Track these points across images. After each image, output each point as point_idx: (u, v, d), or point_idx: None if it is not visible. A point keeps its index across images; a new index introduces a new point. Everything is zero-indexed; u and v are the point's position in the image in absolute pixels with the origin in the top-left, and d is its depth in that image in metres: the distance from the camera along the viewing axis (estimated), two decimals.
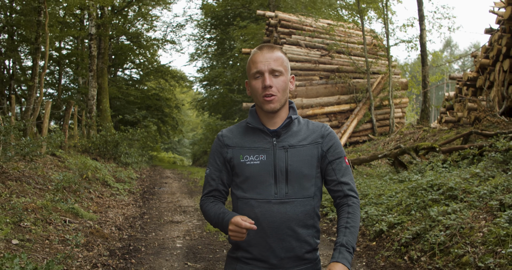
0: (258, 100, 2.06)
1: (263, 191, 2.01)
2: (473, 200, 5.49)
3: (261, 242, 2.00)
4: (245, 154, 2.06)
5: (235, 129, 2.17)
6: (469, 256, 4.49)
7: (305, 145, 2.08)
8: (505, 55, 10.81)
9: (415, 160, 8.77)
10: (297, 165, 2.04)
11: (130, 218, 7.66)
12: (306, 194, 2.04)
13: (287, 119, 2.09)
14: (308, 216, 2.04)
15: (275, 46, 2.10)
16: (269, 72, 2.01)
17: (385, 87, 17.26)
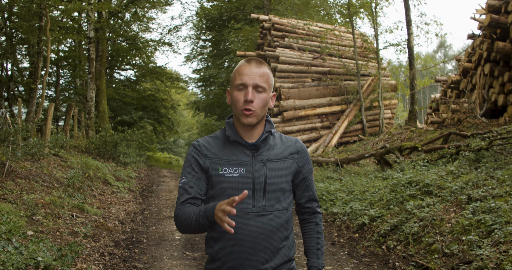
0: (237, 111, 2.06)
1: (240, 204, 2.00)
2: (445, 195, 6.05)
3: (237, 254, 2.01)
4: (223, 166, 2.06)
5: (212, 140, 2.16)
6: (437, 244, 5.04)
7: (281, 159, 2.12)
8: (486, 59, 11.40)
9: (399, 159, 9.34)
10: (275, 179, 2.07)
11: (131, 213, 8.20)
12: (281, 206, 2.08)
13: (266, 133, 2.12)
14: (283, 228, 2.08)
15: (263, 62, 2.12)
16: (253, 86, 2.03)
17: (375, 89, 17.83)
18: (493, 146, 6.91)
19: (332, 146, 16.02)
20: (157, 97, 30.42)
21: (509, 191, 5.29)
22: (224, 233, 2.01)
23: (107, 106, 20.30)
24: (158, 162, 28.22)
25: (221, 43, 31.65)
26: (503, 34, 10.85)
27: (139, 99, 28.44)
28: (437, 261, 4.80)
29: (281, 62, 17.80)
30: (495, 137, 7.05)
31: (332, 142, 16.31)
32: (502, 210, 4.83)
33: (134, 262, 5.35)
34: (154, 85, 31.54)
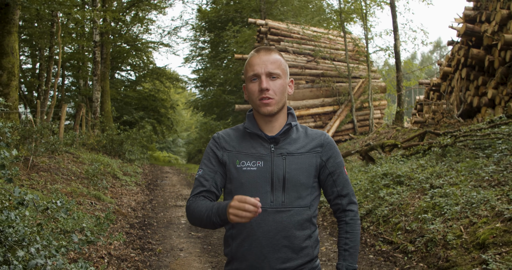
0: (254, 103, 2.01)
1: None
2: (413, 184, 7.07)
3: (255, 252, 1.94)
4: (242, 159, 2.00)
5: (232, 132, 2.11)
6: (401, 223, 6.07)
7: (303, 153, 2.03)
8: (463, 64, 12.43)
9: (381, 155, 10.35)
10: (295, 173, 1.98)
11: (140, 202, 9.21)
12: (302, 203, 1.99)
13: (286, 126, 2.05)
14: (305, 226, 1.99)
15: (273, 49, 2.07)
16: (266, 74, 1.97)
17: (365, 90, 18.84)
18: (457, 143, 7.93)
19: None
20: (157, 97, 31.25)
21: (463, 180, 6.32)
22: (242, 230, 1.97)
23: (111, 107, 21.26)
24: (158, 161, 29.21)
25: (219, 45, 32.48)
26: (478, 41, 11.88)
27: (140, 99, 29.32)
28: (400, 236, 5.83)
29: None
30: (460, 135, 8.07)
31: None
32: (454, 194, 5.86)
33: (148, 239, 6.37)
34: (153, 85, 32.40)
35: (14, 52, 10.01)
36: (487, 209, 5.18)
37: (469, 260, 4.58)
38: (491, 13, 11.42)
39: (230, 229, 2.02)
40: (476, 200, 5.44)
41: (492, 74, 11.25)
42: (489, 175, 6.12)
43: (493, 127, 7.96)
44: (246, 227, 1.95)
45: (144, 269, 5.09)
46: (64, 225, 4.04)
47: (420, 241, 5.38)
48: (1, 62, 9.89)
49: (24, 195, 2.90)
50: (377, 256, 5.66)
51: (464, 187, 6.03)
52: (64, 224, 3.97)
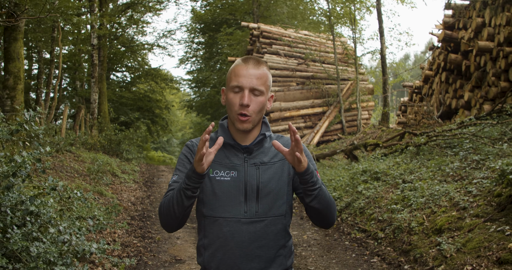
0: (232, 115, 1.97)
1: (232, 209, 1.93)
2: (388, 179, 7.80)
3: (229, 262, 1.93)
4: (215, 169, 1.97)
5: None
6: (375, 214, 6.79)
7: (276, 162, 2.01)
8: (443, 68, 13.18)
9: (363, 153, 11.09)
10: (269, 183, 1.96)
11: (139, 198, 9.91)
12: (277, 212, 1.97)
13: (260, 136, 2.03)
14: (279, 236, 1.97)
15: (262, 62, 2.01)
16: (249, 90, 1.92)
17: (353, 92, 19.59)
18: (430, 142, 8.67)
19: (314, 144, 17.75)
20: (152, 98, 31.75)
21: (431, 175, 7.05)
22: (214, 240, 1.95)
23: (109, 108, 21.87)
24: (153, 160, 29.82)
25: (213, 46, 33.08)
26: (456, 47, 12.64)
27: (135, 100, 29.86)
28: (372, 225, 6.56)
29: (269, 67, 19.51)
30: (433, 135, 8.81)
31: (314, 140, 18.06)
32: (421, 188, 6.59)
33: (148, 229, 7.07)
34: (149, 86, 32.92)
35: (20, 58, 10.65)
36: (447, 200, 5.91)
37: (427, 243, 5.31)
38: (467, 20, 12.17)
39: (203, 239, 1.99)
40: (438, 192, 6.17)
41: (469, 78, 12.00)
42: (454, 171, 6.86)
43: (463, 128, 8.70)
44: (219, 237, 1.93)
45: (146, 253, 5.79)
46: (80, 212, 4.73)
47: (389, 228, 6.11)
48: (7, 67, 10.55)
49: (56, 182, 3.59)
50: (352, 243, 6.39)
51: (431, 181, 6.76)
52: (79, 211, 4.66)
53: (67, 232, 3.57)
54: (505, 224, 4.78)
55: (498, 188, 5.36)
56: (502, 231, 4.68)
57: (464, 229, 5.13)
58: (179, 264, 5.50)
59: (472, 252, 4.67)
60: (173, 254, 5.95)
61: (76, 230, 3.68)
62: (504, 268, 4.20)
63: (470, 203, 5.55)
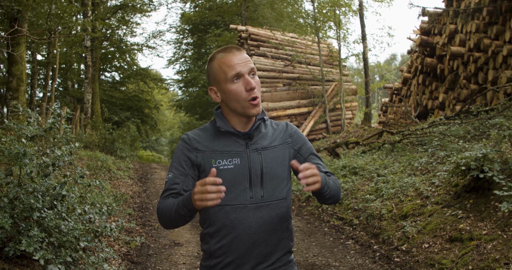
0: (242, 104, 1.95)
1: (238, 196, 1.93)
2: (365, 174, 8.61)
3: (236, 248, 1.94)
4: (217, 159, 1.96)
5: (201, 133, 2.07)
6: (352, 204, 7.60)
7: (276, 146, 2.03)
8: (420, 71, 14.05)
9: (344, 151, 11.90)
10: (272, 167, 1.99)
11: (136, 192, 10.63)
12: (279, 196, 1.99)
13: (258, 120, 2.04)
14: (283, 219, 2.00)
15: (241, 48, 2.03)
16: (248, 73, 1.94)
17: (338, 93, 20.42)
18: (404, 140, 9.50)
19: None
20: (141, 98, 32.22)
21: (402, 170, 7.87)
22: (221, 228, 1.95)
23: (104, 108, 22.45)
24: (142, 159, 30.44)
25: (202, 47, 33.60)
26: (432, 51, 13.51)
27: (125, 99, 30.37)
28: (349, 214, 7.36)
29: (257, 69, 20.27)
30: (406, 134, 9.64)
31: None
32: (392, 181, 7.40)
33: (147, 218, 7.81)
34: (138, 86, 33.35)
35: (22, 61, 11.31)
36: (413, 190, 6.74)
37: (394, 227, 6.13)
38: (442, 27, 13.04)
39: (208, 227, 1.99)
40: (407, 184, 6.99)
41: (443, 80, 12.87)
42: (422, 165, 7.68)
43: (433, 127, 9.53)
44: (226, 224, 1.93)
45: (148, 238, 6.54)
46: (95, 198, 5.47)
47: (363, 216, 6.92)
48: (11, 70, 11.21)
49: (85, 171, 4.33)
50: (331, 229, 7.19)
51: (401, 175, 7.59)
52: (94, 197, 5.40)
53: (90, 212, 4.31)
54: (458, 209, 5.60)
55: (456, 179, 6.19)
56: (456, 215, 5.50)
57: (425, 214, 5.95)
58: (177, 247, 6.26)
59: (430, 232, 5.48)
60: (171, 238, 6.70)
61: (97, 211, 4.42)
62: (454, 244, 5.02)
63: (432, 192, 6.38)
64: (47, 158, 4.00)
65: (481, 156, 5.49)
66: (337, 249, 6.04)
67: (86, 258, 4.19)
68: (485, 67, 10.82)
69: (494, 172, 5.33)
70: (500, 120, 6.63)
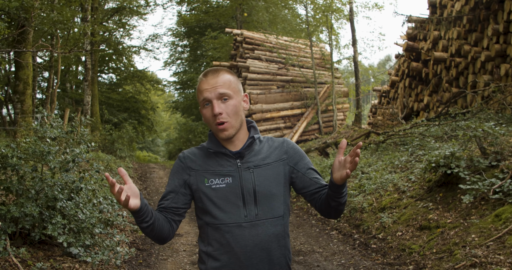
0: (212, 128, 2.00)
1: (232, 215, 1.95)
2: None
3: (234, 268, 1.95)
4: (210, 178, 1.99)
5: (197, 151, 2.10)
6: None
7: (270, 163, 2.03)
8: (407, 74, 14.74)
9: (334, 150, 12.58)
10: (265, 185, 1.98)
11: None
12: (276, 213, 1.99)
13: (249, 139, 2.05)
14: (280, 236, 2.00)
15: (220, 69, 2.03)
16: (216, 98, 1.95)
17: (330, 95, 21.11)
18: (388, 140, 10.19)
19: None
20: (138, 99, 32.70)
21: (384, 167, 8.56)
22: (218, 247, 1.97)
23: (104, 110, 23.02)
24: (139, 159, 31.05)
25: (198, 49, 34.06)
26: (417, 56, 14.21)
27: (122, 101, 30.89)
28: None
29: (251, 72, 20.92)
30: (390, 134, 10.33)
31: (293, 139, 19.54)
32: (374, 177, 8.08)
33: None
34: (135, 87, 33.81)
35: (29, 65, 11.93)
36: (392, 186, 7.42)
37: (373, 219, 6.81)
38: (427, 33, 13.74)
39: (206, 246, 2.02)
40: (387, 181, 7.67)
41: (428, 84, 13.57)
42: (402, 163, 8.37)
43: (415, 128, 10.22)
44: (222, 243, 1.96)
45: None
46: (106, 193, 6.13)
47: (347, 209, 7.59)
48: (18, 74, 11.83)
49: (101, 167, 4.98)
50: (317, 222, 7.86)
51: (383, 172, 8.27)
52: (105, 192, 6.05)
53: (103, 203, 4.97)
54: (429, 202, 6.29)
55: (429, 175, 6.87)
56: (427, 207, 6.19)
57: (401, 207, 6.64)
58: (178, 237, 6.92)
59: (404, 222, 6.17)
60: None
61: (109, 202, 5.08)
62: (423, 232, 5.70)
63: (408, 187, 7.07)
64: (68, 155, 4.65)
65: (449, 154, 6.18)
66: (322, 238, 6.71)
67: (101, 242, 4.85)
68: (466, 71, 11.52)
69: (460, 168, 6.02)
70: (466, 122, 7.31)
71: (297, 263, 5.54)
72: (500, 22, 10.23)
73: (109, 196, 5.68)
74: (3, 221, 4.42)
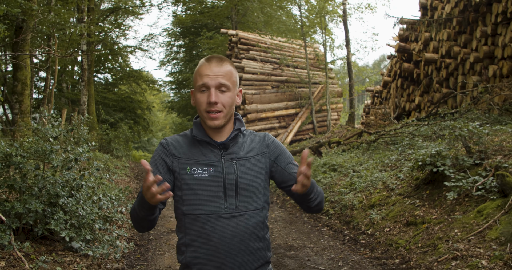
0: (201, 114, 2.00)
1: (212, 206, 1.94)
2: (342, 170, 9.54)
3: (212, 259, 1.94)
4: (192, 166, 1.98)
5: (181, 139, 2.08)
6: (330, 197, 8.52)
7: (252, 156, 2.04)
8: (399, 75, 15.01)
9: (327, 150, 12.83)
10: (247, 177, 1.99)
11: (134, 188, 11.49)
12: (255, 206, 2.00)
13: (235, 131, 2.06)
14: (259, 228, 2.01)
15: (225, 59, 2.03)
16: (215, 87, 1.95)
17: (324, 95, 21.37)
18: (379, 139, 10.44)
19: (287, 143, 19.48)
20: (134, 99, 32.81)
21: (374, 166, 8.80)
22: (197, 237, 1.97)
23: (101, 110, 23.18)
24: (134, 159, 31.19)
25: (194, 49, 34.25)
26: (409, 57, 14.48)
27: (118, 101, 31.02)
28: (326, 205, 8.28)
29: (246, 72, 21.15)
30: (380, 134, 10.58)
31: (288, 139, 19.79)
32: (365, 176, 8.33)
33: None
34: (130, 87, 33.93)
35: (27, 66, 12.11)
36: (381, 184, 7.67)
37: (363, 215, 7.06)
38: (418, 34, 14.00)
39: (183, 237, 2.00)
40: (376, 179, 7.92)
41: (419, 84, 13.84)
42: (391, 162, 8.62)
43: (405, 128, 10.48)
44: (201, 234, 1.95)
45: None
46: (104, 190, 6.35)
47: (338, 207, 7.84)
48: (16, 75, 12.01)
49: (101, 165, 5.20)
50: (309, 219, 8.10)
51: (373, 170, 8.52)
52: (104, 189, 6.27)
53: (102, 200, 5.20)
54: (416, 199, 6.54)
55: (417, 173, 7.12)
56: (414, 203, 6.44)
57: (389, 204, 6.88)
58: (174, 233, 7.14)
59: (392, 218, 6.42)
60: (168, 227, 7.59)
61: (108, 199, 5.30)
62: (410, 227, 5.94)
63: (397, 185, 7.32)
64: (71, 154, 4.87)
65: (435, 153, 6.43)
66: (313, 234, 6.95)
67: (101, 237, 5.07)
68: (455, 72, 11.79)
69: (446, 166, 6.27)
70: (452, 122, 7.56)
71: (289, 258, 5.78)
72: (488, 24, 10.49)
73: (108, 194, 5.90)
74: (8, 217, 4.63)
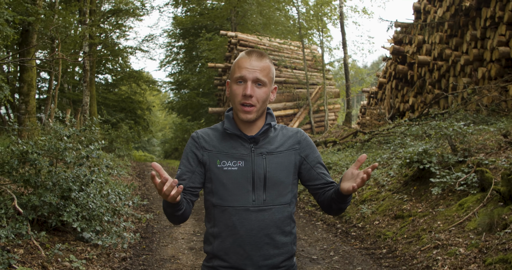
0: (235, 106, 2.01)
1: (240, 198, 1.97)
2: (337, 168, 9.95)
3: (238, 250, 1.97)
4: (222, 159, 2.00)
5: (211, 132, 2.10)
6: None
7: (282, 151, 2.05)
8: (393, 76, 15.42)
9: (323, 149, 13.24)
10: (275, 172, 2.00)
11: (137, 186, 11.89)
12: (283, 200, 2.01)
13: (266, 125, 2.06)
14: (285, 223, 2.02)
15: (265, 54, 2.06)
16: (252, 81, 1.97)
17: (321, 95, 21.77)
18: (373, 139, 10.85)
19: None
20: (134, 99, 33.07)
21: (367, 164, 9.21)
22: (224, 229, 2.00)
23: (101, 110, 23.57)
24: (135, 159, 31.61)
25: (193, 50, 34.53)
26: (403, 59, 14.89)
27: (118, 101, 31.33)
28: None
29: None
30: (374, 134, 10.99)
31: None
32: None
33: (150, 206, 9.10)
34: (130, 88, 34.22)
35: (33, 68, 12.53)
36: (373, 180, 8.08)
37: (354, 210, 7.47)
38: (412, 37, 14.42)
39: (212, 228, 2.03)
40: None
41: (413, 85, 14.25)
42: (383, 160, 9.03)
43: (397, 128, 10.89)
44: (229, 226, 1.97)
45: (151, 220, 7.83)
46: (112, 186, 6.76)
47: None
48: (22, 76, 12.42)
49: (110, 162, 5.61)
50: (305, 214, 8.52)
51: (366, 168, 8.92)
52: (111, 185, 6.69)
53: (111, 194, 5.61)
54: (405, 194, 6.96)
55: (406, 170, 7.54)
56: (402, 198, 6.85)
57: (380, 199, 7.30)
58: (176, 227, 7.56)
59: (381, 212, 6.83)
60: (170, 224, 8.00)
61: (117, 193, 5.71)
62: (397, 220, 6.36)
63: (387, 182, 7.73)
64: (83, 151, 5.28)
65: (421, 151, 6.84)
66: (308, 228, 7.37)
67: (109, 229, 5.49)
68: (447, 74, 12.20)
69: (432, 164, 6.68)
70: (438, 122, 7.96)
71: None
72: (478, 28, 10.91)
73: (116, 189, 6.30)
74: (24, 209, 5.04)
